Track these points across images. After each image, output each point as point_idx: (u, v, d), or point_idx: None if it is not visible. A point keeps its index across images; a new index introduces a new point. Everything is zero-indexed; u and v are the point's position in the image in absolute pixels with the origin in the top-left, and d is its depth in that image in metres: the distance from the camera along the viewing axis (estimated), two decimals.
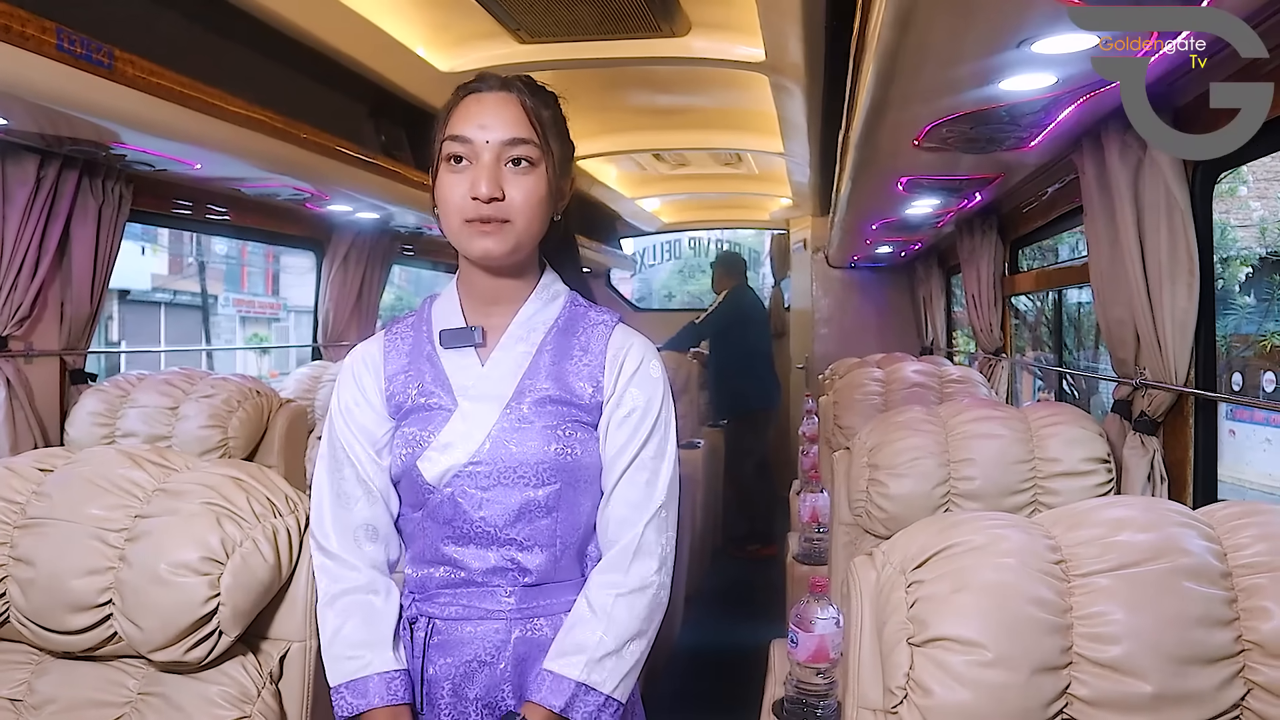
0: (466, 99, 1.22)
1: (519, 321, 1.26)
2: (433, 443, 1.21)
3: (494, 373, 1.24)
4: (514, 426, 1.20)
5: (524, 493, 1.19)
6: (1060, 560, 1.10)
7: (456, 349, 1.26)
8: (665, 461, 1.26)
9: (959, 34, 1.54)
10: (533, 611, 1.22)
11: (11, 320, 2.56)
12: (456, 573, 1.22)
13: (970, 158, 2.52)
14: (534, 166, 1.20)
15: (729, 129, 4.73)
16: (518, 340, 1.26)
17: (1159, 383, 1.98)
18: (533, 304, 1.28)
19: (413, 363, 1.27)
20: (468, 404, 1.22)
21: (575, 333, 1.27)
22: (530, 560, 1.21)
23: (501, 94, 1.21)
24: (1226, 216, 6.99)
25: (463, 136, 1.19)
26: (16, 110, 2.05)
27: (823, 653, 1.80)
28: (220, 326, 15.00)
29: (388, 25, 2.90)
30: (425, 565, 1.24)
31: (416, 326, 1.31)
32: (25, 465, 1.41)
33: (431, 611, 1.23)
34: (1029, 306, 6.31)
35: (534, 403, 1.21)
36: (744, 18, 2.92)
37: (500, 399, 1.22)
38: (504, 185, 1.17)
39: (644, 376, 1.26)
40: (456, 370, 1.25)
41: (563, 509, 1.21)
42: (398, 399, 1.26)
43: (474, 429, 1.21)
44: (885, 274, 6.08)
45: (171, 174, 2.84)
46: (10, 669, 1.36)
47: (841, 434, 3.08)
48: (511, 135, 1.18)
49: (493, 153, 1.18)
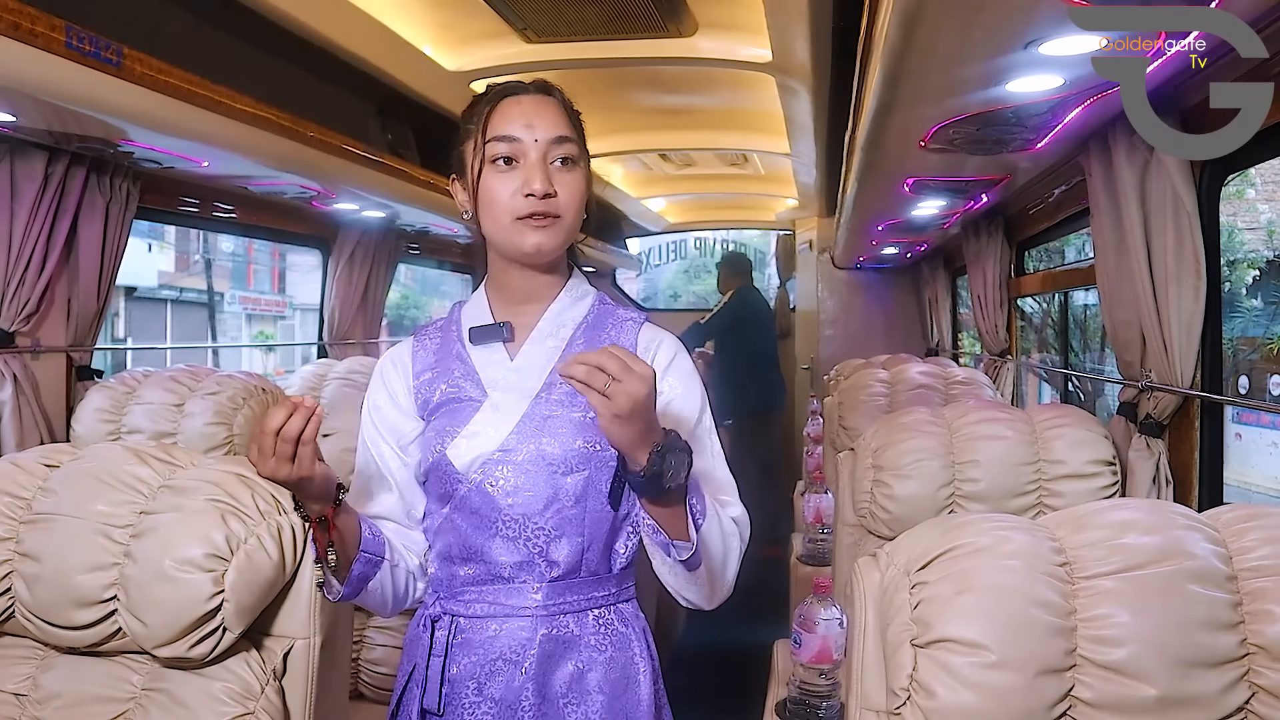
0: (504, 102, 1.24)
1: (549, 317, 1.28)
2: (462, 431, 1.22)
3: (523, 366, 1.25)
4: (543, 417, 1.21)
5: (553, 480, 1.20)
6: (1065, 562, 1.10)
7: (485, 345, 1.27)
8: (714, 440, 1.28)
9: (966, 35, 1.54)
10: (559, 609, 1.21)
11: (19, 316, 2.56)
12: (483, 568, 1.22)
13: (977, 159, 2.52)
14: (576, 165, 1.23)
15: (735, 129, 4.73)
16: (547, 335, 1.27)
17: (1165, 385, 1.97)
18: (562, 301, 1.29)
19: (440, 360, 1.29)
20: (498, 395, 1.23)
21: (604, 328, 1.29)
22: (558, 552, 1.20)
23: (541, 96, 1.25)
24: (1234, 219, 6.96)
25: (510, 136, 1.21)
26: (25, 107, 2.06)
27: (826, 653, 1.80)
28: (226, 324, 15.03)
29: (395, 24, 2.90)
30: (451, 563, 1.24)
31: (445, 329, 1.33)
32: (31, 461, 1.41)
33: (456, 609, 1.23)
34: (1035, 309, 6.30)
35: (564, 394, 1.22)
36: (751, 18, 2.92)
37: (529, 391, 1.23)
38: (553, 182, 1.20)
39: (679, 369, 1.28)
40: (486, 365, 1.26)
41: (591, 497, 1.21)
42: (425, 395, 1.27)
43: (503, 419, 1.21)
44: (891, 275, 6.07)
45: (179, 171, 2.84)
46: (15, 664, 1.36)
47: (846, 435, 3.08)
48: (558, 134, 1.22)
49: (540, 151, 1.20)
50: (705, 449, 1.25)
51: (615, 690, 1.23)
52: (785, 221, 7.19)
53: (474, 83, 3.30)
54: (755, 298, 6.13)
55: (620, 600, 1.27)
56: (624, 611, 1.27)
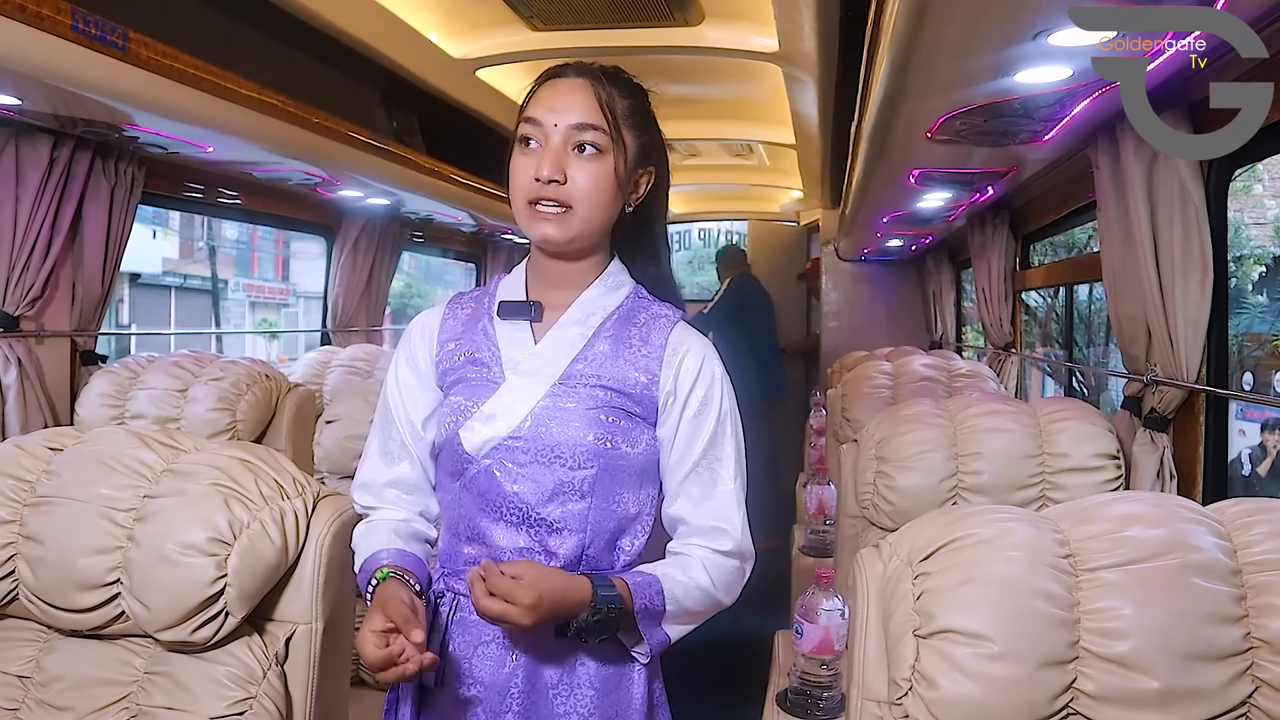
0: (545, 84, 1.23)
1: (579, 304, 1.26)
2: (476, 413, 1.22)
3: (546, 350, 1.24)
4: (558, 406, 1.20)
5: (560, 473, 1.19)
6: (1069, 555, 1.09)
7: (512, 322, 1.27)
8: (734, 458, 1.26)
9: (974, 25, 1.53)
10: None
11: (23, 301, 2.57)
12: (485, 550, 1.22)
13: (983, 151, 2.51)
14: (601, 154, 1.20)
15: (741, 120, 4.72)
16: (575, 322, 1.26)
17: (1170, 379, 1.97)
18: (596, 289, 1.28)
19: (467, 331, 1.29)
20: (516, 378, 1.23)
21: (636, 322, 1.26)
22: (559, 544, 1.20)
23: (576, 80, 1.22)
24: (1240, 215, 6.93)
25: (533, 119, 1.20)
26: (31, 90, 2.05)
27: (828, 644, 1.80)
28: (230, 311, 15.03)
29: (401, 11, 2.89)
30: (457, 539, 1.25)
31: (479, 300, 1.33)
32: (35, 444, 1.41)
33: (458, 587, 1.24)
34: (1039, 303, 6.28)
35: (582, 386, 1.21)
36: (758, 7, 2.91)
37: (549, 377, 1.22)
38: (568, 169, 1.18)
39: (707, 375, 1.25)
40: (509, 343, 1.26)
41: (598, 495, 1.20)
42: (445, 365, 1.27)
43: (518, 403, 1.21)
44: (895, 267, 6.06)
45: (183, 157, 2.84)
46: (18, 646, 1.36)
47: (849, 427, 3.08)
48: (580, 120, 1.19)
49: (560, 136, 1.19)
50: (715, 479, 1.24)
51: (607, 686, 1.22)
52: (790, 213, 7.18)
53: (479, 70, 3.30)
54: (754, 285, 6.14)
55: None
56: None
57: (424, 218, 4.55)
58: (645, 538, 1.26)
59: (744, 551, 1.25)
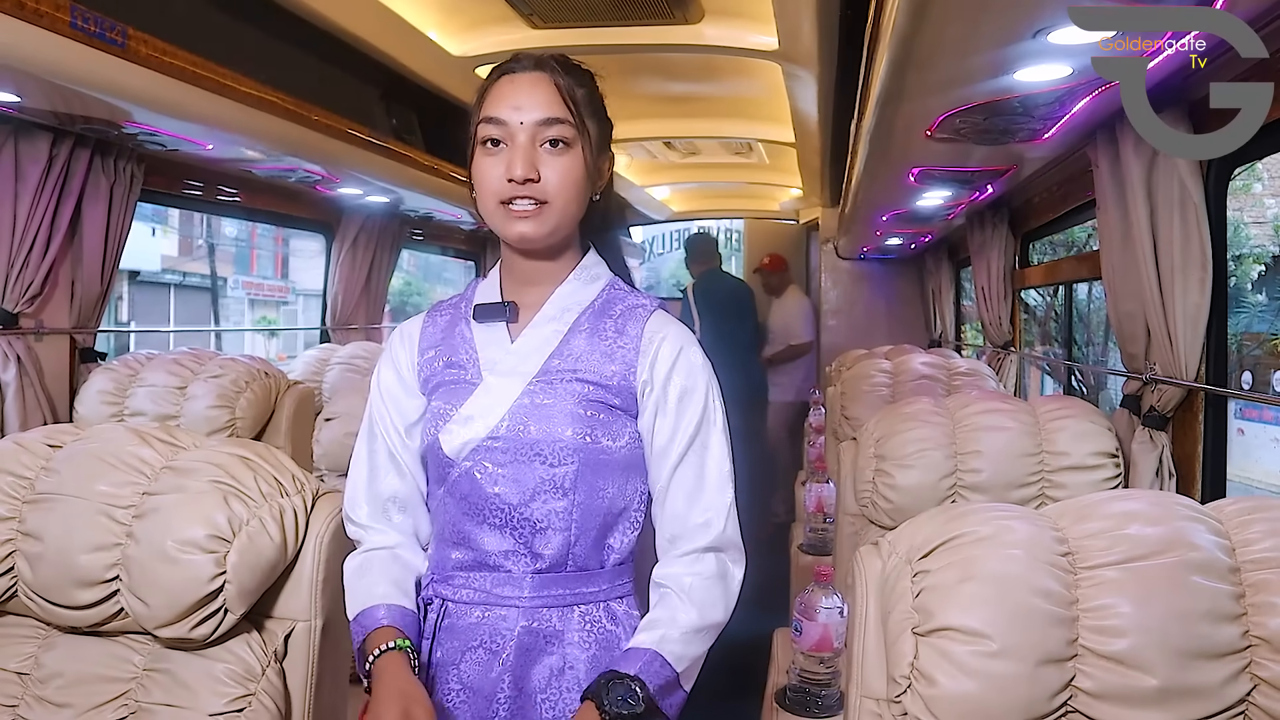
0: (500, 80, 1.21)
1: (554, 301, 1.26)
2: (454, 416, 1.21)
3: (522, 348, 1.23)
4: (535, 404, 1.20)
5: (540, 471, 1.18)
6: (1067, 552, 1.09)
7: (488, 324, 1.26)
8: (719, 449, 1.24)
9: (974, 23, 1.53)
10: (543, 601, 1.20)
11: (23, 298, 2.57)
12: (472, 554, 1.21)
13: (983, 149, 2.51)
14: (570, 147, 1.18)
15: (740, 118, 4.71)
16: (550, 319, 1.25)
17: (1169, 378, 1.97)
18: (570, 284, 1.27)
19: (446, 338, 1.29)
20: (492, 379, 1.22)
21: (611, 315, 1.26)
22: (544, 545, 1.19)
23: (535, 74, 1.20)
24: (1240, 214, 6.93)
25: (497, 118, 1.18)
26: (30, 87, 2.05)
27: (826, 642, 1.81)
28: (229, 309, 15.03)
29: (401, 8, 2.89)
30: (444, 545, 1.25)
31: (457, 305, 1.33)
32: (35, 441, 1.41)
33: (445, 594, 1.23)
34: (1038, 301, 6.27)
35: (559, 382, 1.21)
36: (757, 5, 2.90)
37: (525, 375, 1.21)
38: (540, 166, 1.17)
39: (686, 363, 1.23)
40: (486, 345, 1.25)
41: (581, 491, 1.19)
42: (427, 372, 1.27)
43: (495, 404, 1.20)
44: (894, 266, 6.06)
45: (183, 154, 2.84)
46: (17, 643, 1.37)
47: (848, 425, 3.08)
48: (546, 115, 1.17)
49: (527, 134, 1.17)
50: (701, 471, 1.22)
51: None
52: (790, 211, 7.18)
53: (479, 68, 3.29)
54: (724, 283, 5.83)
55: (612, 597, 1.24)
56: (614, 610, 1.24)
57: (423, 215, 4.55)
58: (635, 534, 1.24)
59: (728, 544, 1.22)
